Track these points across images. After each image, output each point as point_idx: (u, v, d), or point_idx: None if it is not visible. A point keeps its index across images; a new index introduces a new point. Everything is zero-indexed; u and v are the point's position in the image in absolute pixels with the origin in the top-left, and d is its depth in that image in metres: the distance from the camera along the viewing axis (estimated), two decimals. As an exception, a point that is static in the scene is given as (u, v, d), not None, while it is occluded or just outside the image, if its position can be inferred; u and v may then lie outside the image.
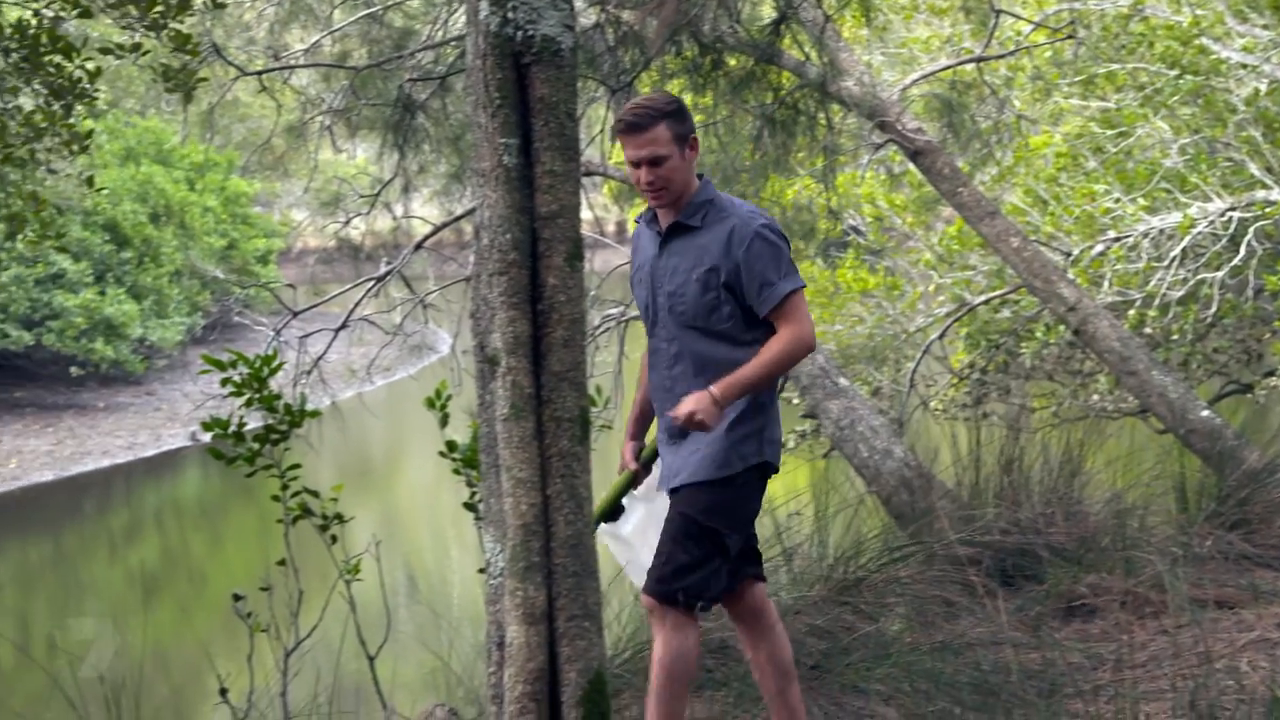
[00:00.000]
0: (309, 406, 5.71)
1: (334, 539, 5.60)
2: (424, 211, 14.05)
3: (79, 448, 23.70)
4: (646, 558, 4.69)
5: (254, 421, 5.63)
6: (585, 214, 4.20)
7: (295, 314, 9.46)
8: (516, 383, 3.74)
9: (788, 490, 7.65)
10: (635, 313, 9.74)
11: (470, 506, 5.46)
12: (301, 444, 6.01)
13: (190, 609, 15.21)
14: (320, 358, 9.62)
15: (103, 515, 21.43)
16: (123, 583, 16.94)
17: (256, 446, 5.55)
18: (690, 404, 4.50)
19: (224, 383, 5.55)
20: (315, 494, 5.60)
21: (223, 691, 5.40)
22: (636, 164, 4.58)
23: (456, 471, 5.60)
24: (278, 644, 5.57)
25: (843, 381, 9.00)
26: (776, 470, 4.73)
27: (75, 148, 7.47)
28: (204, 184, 30.43)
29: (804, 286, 4.68)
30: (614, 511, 4.94)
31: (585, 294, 3.91)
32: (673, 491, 4.66)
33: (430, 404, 5.78)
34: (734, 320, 4.60)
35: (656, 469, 4.81)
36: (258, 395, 5.58)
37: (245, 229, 31.33)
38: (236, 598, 5.40)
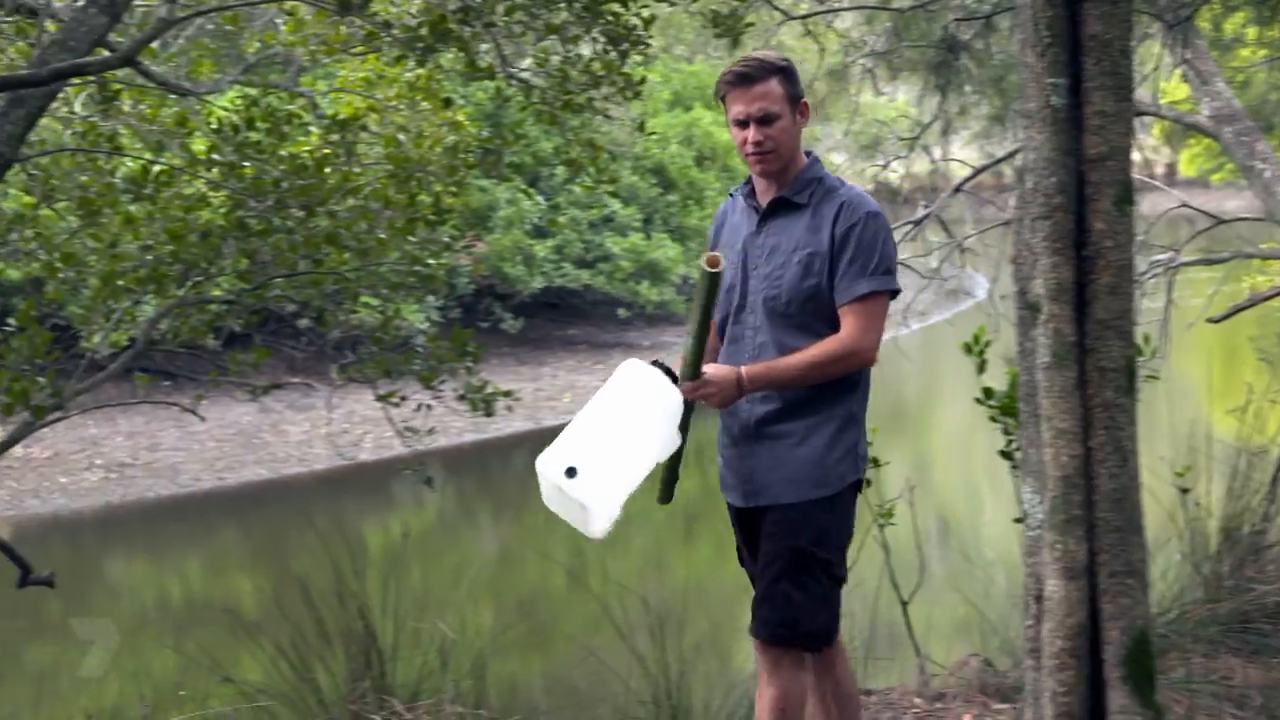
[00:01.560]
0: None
1: (868, 483, 5.62)
2: (964, 154, 13.85)
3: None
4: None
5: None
6: (1133, 155, 3.99)
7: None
8: (1059, 330, 3.63)
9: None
10: (1187, 258, 9.29)
11: (1007, 455, 5.35)
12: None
13: (725, 545, 15.65)
14: (857, 300, 9.64)
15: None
16: (663, 517, 17.57)
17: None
18: (718, 379, 4.02)
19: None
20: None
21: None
22: (744, 122, 4.14)
23: (993, 419, 5.50)
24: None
25: None
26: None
27: (629, 94, 7.74)
28: (746, 128, 31.05)
29: (893, 293, 4.13)
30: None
31: (1133, 239, 3.75)
32: (753, 511, 4.21)
33: (968, 349, 5.71)
34: (832, 311, 4.08)
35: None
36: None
37: (785, 172, 31.80)
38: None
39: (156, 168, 6.95)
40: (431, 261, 7.74)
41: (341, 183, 7.07)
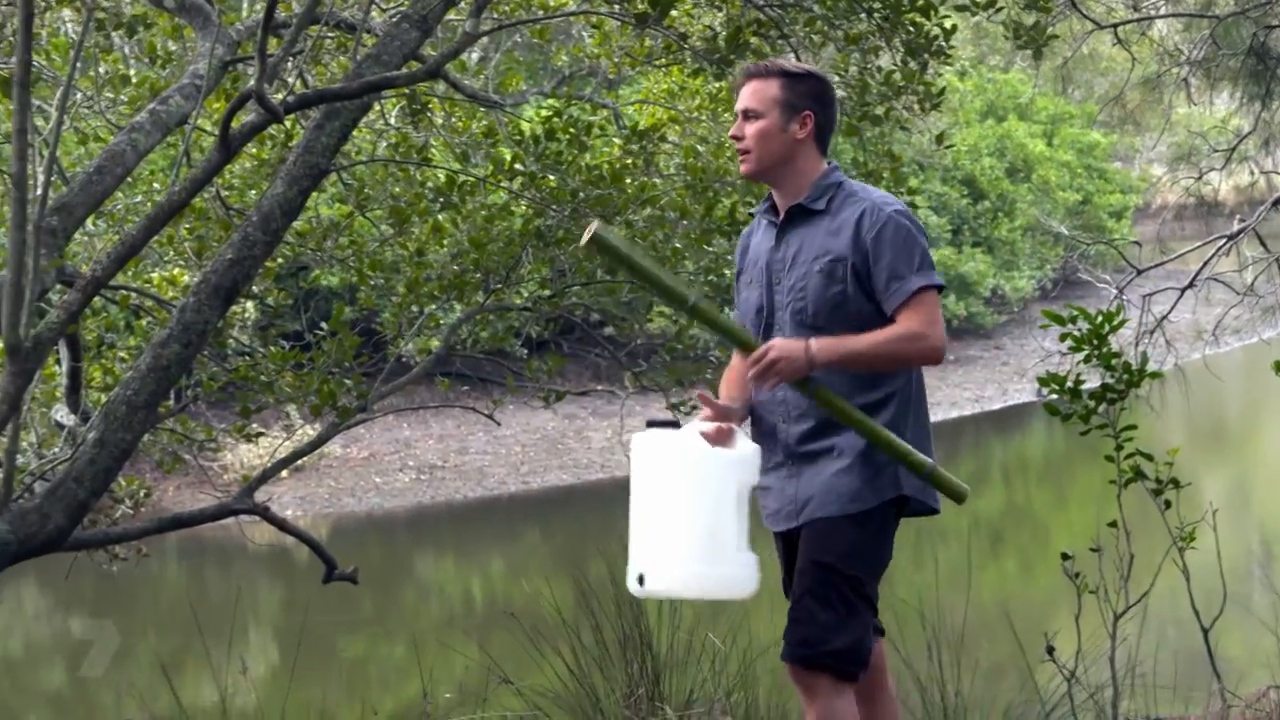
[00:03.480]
0: (1150, 367, 5.56)
1: (1168, 504, 5.43)
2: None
3: (929, 399, 24.41)
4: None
5: (1094, 380, 5.57)
6: None
7: (1140, 271, 9.24)
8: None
9: None
10: None
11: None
12: (1142, 405, 5.87)
13: (1030, 563, 15.34)
14: (1164, 317, 9.32)
15: (951, 465, 21.86)
16: (968, 532, 17.29)
17: (1092, 404, 5.48)
18: (781, 349, 3.73)
19: (1063, 338, 5.51)
20: (1149, 457, 5.45)
21: (1049, 650, 5.39)
22: (736, 115, 3.97)
23: (1306, 442, 5.27)
24: (1108, 606, 5.49)
25: None
26: (930, 508, 4.03)
27: (928, 105, 7.64)
28: (1060, 138, 30.38)
29: (940, 286, 3.90)
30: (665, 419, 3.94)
31: None
32: (791, 533, 3.94)
33: (1278, 368, 5.47)
34: (863, 320, 3.86)
35: (743, 439, 3.88)
36: (1097, 352, 5.51)
37: (1101, 184, 30.97)
38: (1065, 557, 5.37)
39: (462, 177, 7.16)
40: (728, 272, 7.76)
41: (639, 193, 7.16)
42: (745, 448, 3.85)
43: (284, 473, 13.13)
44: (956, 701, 5.07)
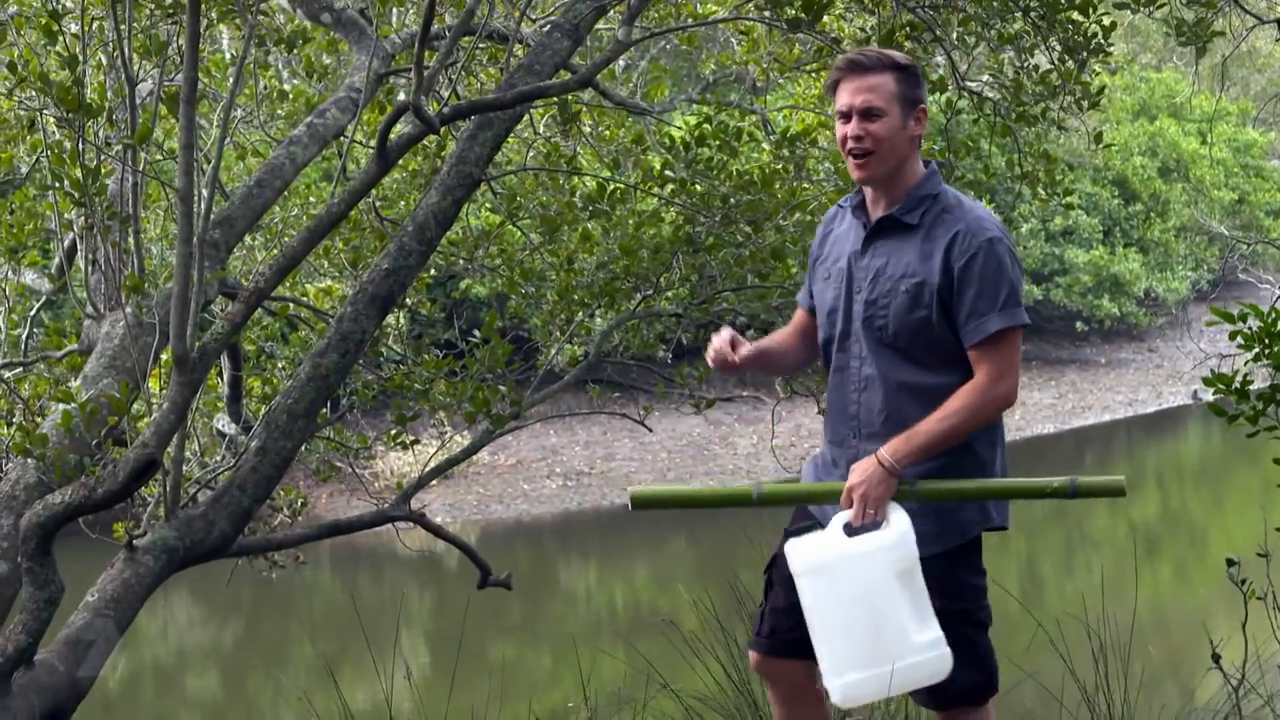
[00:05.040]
0: (1315, 368, 5.41)
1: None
2: None
3: (1080, 402, 24.07)
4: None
5: (1260, 381, 5.43)
6: None
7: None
8: None
9: None
10: None
11: None
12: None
13: (1189, 569, 15.02)
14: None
15: (1102, 469, 21.62)
16: (1123, 538, 17.01)
17: (1259, 406, 5.35)
18: (858, 474, 3.63)
19: (1232, 336, 5.38)
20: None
21: (1215, 658, 5.27)
22: (846, 115, 3.67)
23: None
24: (1276, 613, 5.35)
25: None
26: (1002, 527, 3.79)
27: (1085, 105, 7.50)
28: (1215, 136, 29.79)
29: (1023, 325, 3.67)
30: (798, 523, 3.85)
31: None
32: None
33: None
34: (945, 345, 3.70)
35: (895, 512, 3.69)
36: (1268, 350, 5.36)
37: (1258, 182, 30.29)
38: (1230, 563, 5.24)
39: (612, 185, 7.17)
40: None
41: (789, 198, 7.12)
42: (894, 526, 3.67)
43: (433, 480, 13.30)
44: (1123, 709, 4.96)
